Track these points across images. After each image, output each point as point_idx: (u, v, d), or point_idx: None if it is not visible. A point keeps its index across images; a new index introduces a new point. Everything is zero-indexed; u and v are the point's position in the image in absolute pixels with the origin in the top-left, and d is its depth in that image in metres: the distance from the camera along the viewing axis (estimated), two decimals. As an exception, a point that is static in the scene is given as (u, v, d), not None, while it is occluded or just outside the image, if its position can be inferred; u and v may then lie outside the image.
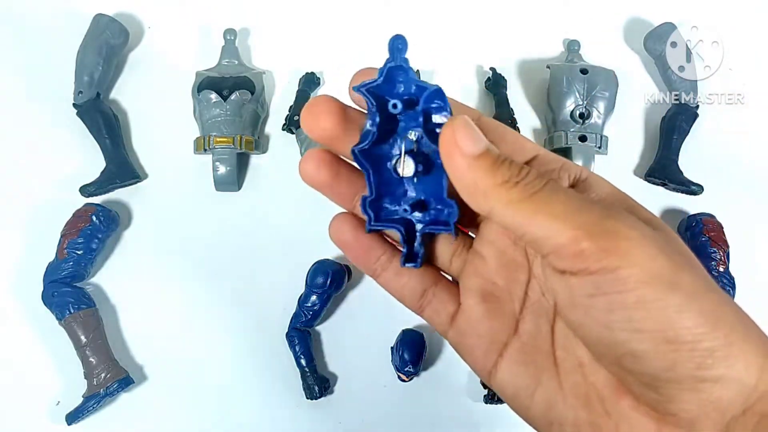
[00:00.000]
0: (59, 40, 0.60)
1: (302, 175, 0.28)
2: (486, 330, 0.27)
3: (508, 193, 0.22)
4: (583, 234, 0.21)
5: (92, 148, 0.55)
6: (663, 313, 0.20)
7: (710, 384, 0.20)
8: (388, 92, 0.27)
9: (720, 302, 0.21)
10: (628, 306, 0.20)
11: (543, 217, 0.22)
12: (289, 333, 0.50)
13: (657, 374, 0.21)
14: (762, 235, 0.56)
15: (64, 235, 0.51)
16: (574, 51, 0.60)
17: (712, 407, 0.21)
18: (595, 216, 0.21)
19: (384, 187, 0.28)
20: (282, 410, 0.50)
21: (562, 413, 0.25)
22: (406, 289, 0.29)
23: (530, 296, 0.27)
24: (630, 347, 0.21)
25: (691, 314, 0.20)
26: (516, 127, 0.58)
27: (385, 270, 0.29)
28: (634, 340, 0.21)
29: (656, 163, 0.57)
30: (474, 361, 0.28)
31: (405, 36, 0.26)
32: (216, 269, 0.54)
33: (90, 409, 0.47)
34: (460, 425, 0.50)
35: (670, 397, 0.21)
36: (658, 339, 0.20)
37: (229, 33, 0.59)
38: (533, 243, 0.22)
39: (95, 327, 0.49)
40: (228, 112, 0.54)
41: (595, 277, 0.21)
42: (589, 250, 0.21)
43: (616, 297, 0.21)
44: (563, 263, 0.22)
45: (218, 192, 0.55)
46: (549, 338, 0.26)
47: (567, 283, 0.22)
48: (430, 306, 0.29)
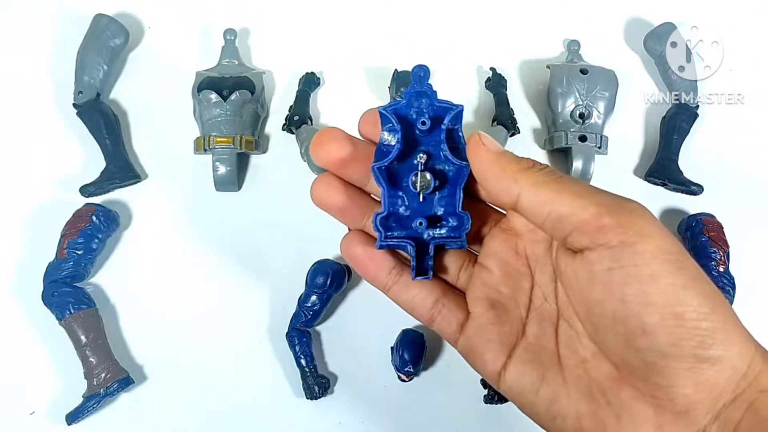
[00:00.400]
0: (59, 40, 0.60)
1: (314, 198, 0.30)
2: (495, 335, 0.29)
3: (535, 175, 0.25)
4: (605, 210, 0.23)
5: (92, 148, 0.55)
6: (671, 289, 0.22)
7: (708, 365, 0.22)
8: (409, 114, 0.29)
9: (715, 291, 0.23)
10: (643, 279, 0.22)
11: (568, 195, 0.24)
12: (289, 333, 0.50)
13: (662, 349, 0.22)
14: (762, 235, 0.56)
15: (64, 235, 0.51)
16: (574, 51, 0.60)
17: (707, 392, 0.22)
18: (614, 198, 0.24)
19: (396, 205, 0.30)
20: (282, 410, 0.50)
21: (566, 407, 0.26)
22: (416, 300, 0.31)
23: (534, 302, 0.29)
24: (641, 320, 0.23)
25: (695, 294, 0.22)
26: (516, 127, 0.58)
27: (395, 283, 0.31)
28: (645, 313, 0.22)
29: (656, 163, 0.57)
30: (484, 365, 0.29)
31: (428, 65, 0.29)
32: (216, 269, 0.54)
33: (90, 409, 0.47)
34: (460, 425, 0.50)
35: (671, 378, 0.22)
36: (666, 313, 0.22)
37: (229, 33, 0.59)
38: (557, 220, 0.25)
39: (95, 327, 0.49)
40: (228, 112, 0.55)
41: (614, 251, 0.23)
42: (610, 225, 0.23)
43: (632, 270, 0.22)
44: (585, 239, 0.24)
45: (218, 192, 0.55)
46: (553, 339, 0.28)
47: (586, 260, 0.24)
48: (441, 315, 0.31)
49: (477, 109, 0.60)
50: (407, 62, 0.59)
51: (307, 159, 0.54)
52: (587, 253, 0.24)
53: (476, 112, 0.60)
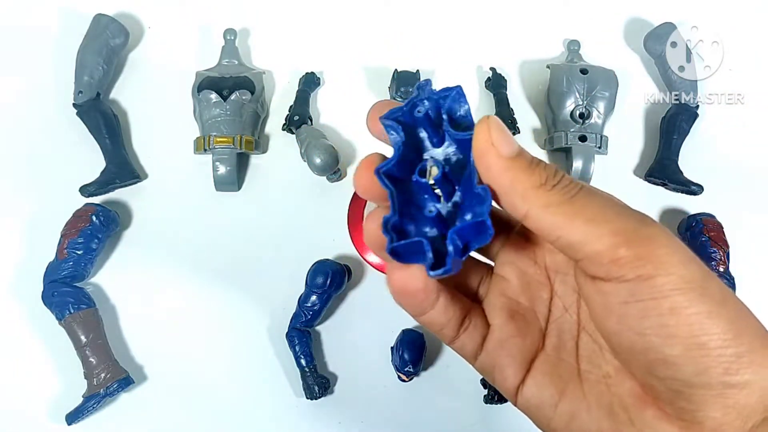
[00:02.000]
0: (59, 40, 0.60)
1: (367, 239, 0.27)
2: (516, 348, 0.28)
3: (547, 195, 0.22)
4: (622, 240, 0.21)
5: (92, 148, 0.55)
6: (695, 318, 0.21)
7: (737, 390, 0.21)
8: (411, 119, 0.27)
9: (741, 310, 0.22)
10: (663, 313, 0.21)
11: (581, 221, 0.22)
12: (289, 333, 0.50)
13: (687, 379, 0.21)
14: (762, 235, 0.56)
15: (64, 235, 0.51)
16: (574, 51, 0.60)
17: (736, 414, 0.21)
18: (633, 222, 0.22)
19: (406, 208, 0.27)
20: (282, 410, 0.50)
21: (586, 424, 0.25)
22: (452, 321, 0.28)
23: (554, 313, 0.28)
24: (662, 352, 0.21)
25: (720, 320, 0.21)
26: (516, 127, 0.58)
27: (432, 308, 0.28)
28: (667, 346, 0.21)
29: (656, 163, 0.57)
30: (503, 380, 0.28)
31: (431, 79, 0.27)
32: (216, 269, 0.54)
33: (90, 409, 0.47)
34: (460, 425, 0.50)
35: (699, 404, 0.21)
36: (690, 344, 0.21)
37: (229, 33, 0.59)
38: (568, 247, 0.23)
39: (95, 327, 0.49)
40: (228, 112, 0.55)
41: (630, 285, 0.21)
42: (626, 258, 0.21)
43: (650, 303, 0.21)
44: (598, 270, 0.22)
45: (218, 192, 0.55)
46: (574, 352, 0.27)
47: (600, 289, 0.23)
48: (467, 333, 0.29)
49: (477, 109, 0.60)
50: (407, 62, 0.59)
51: (307, 159, 0.54)
52: (601, 284, 0.22)
53: (476, 113, 0.60)
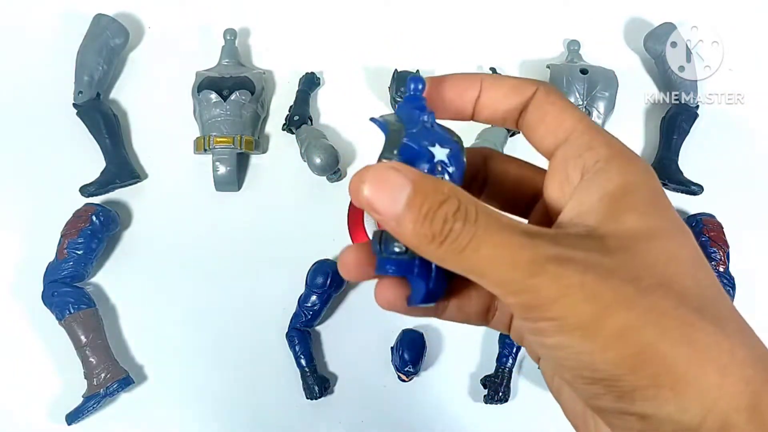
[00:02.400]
0: (59, 40, 0.60)
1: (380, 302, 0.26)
2: None
3: (437, 251, 0.22)
4: (506, 292, 0.21)
5: (92, 148, 0.55)
6: (577, 357, 0.21)
7: (636, 418, 0.21)
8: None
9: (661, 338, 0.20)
10: (550, 347, 0.22)
11: (474, 275, 0.22)
12: (289, 333, 0.50)
13: (586, 401, 0.23)
14: (762, 235, 0.56)
15: (64, 235, 0.51)
16: (574, 51, 0.60)
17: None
18: (520, 273, 0.21)
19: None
20: (282, 410, 0.50)
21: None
22: (471, 317, 0.28)
23: None
24: (561, 376, 0.23)
25: (607, 357, 0.20)
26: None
27: (443, 312, 0.27)
28: (561, 372, 0.23)
29: (656, 163, 0.57)
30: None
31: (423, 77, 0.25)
32: (216, 269, 0.54)
33: (90, 409, 0.47)
34: (460, 425, 0.50)
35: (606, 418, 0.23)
36: (576, 375, 0.22)
37: (229, 33, 0.59)
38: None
39: (95, 327, 0.49)
40: (228, 112, 0.54)
41: (524, 322, 0.22)
42: (514, 305, 0.22)
43: (540, 338, 0.22)
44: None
45: (218, 192, 0.55)
46: None
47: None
48: (496, 318, 0.28)
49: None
50: (407, 62, 0.59)
51: (307, 159, 0.54)
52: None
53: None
